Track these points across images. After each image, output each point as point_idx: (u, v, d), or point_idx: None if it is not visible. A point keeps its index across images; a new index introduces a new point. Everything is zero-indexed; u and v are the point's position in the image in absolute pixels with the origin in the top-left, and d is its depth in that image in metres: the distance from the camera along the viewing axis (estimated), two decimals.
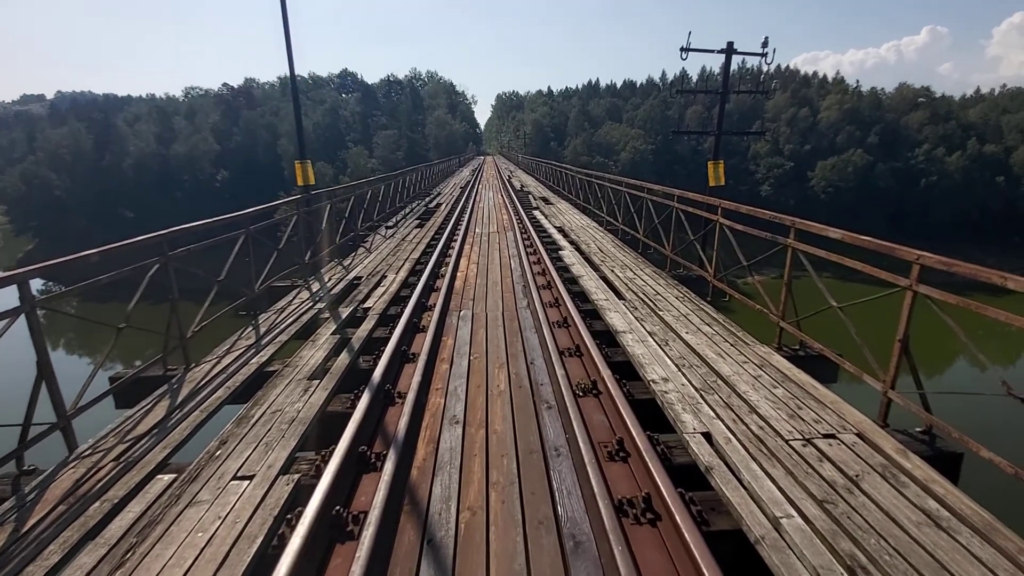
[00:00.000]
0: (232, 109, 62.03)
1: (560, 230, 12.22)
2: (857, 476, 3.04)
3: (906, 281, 3.62)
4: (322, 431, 3.77)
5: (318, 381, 4.40)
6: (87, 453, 3.43)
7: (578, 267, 8.40)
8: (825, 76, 71.95)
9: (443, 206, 17.65)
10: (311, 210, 8.66)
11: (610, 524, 2.60)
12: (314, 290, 7.28)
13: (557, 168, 25.35)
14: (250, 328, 5.75)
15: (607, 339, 5.41)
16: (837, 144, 56.08)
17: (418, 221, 14.19)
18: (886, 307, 4.19)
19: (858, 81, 71.57)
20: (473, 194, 21.53)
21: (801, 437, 3.45)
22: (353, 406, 3.90)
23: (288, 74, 8.36)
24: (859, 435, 3.48)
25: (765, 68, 12.82)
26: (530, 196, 20.57)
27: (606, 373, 4.26)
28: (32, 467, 3.28)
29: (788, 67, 75.65)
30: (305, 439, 3.63)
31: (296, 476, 3.17)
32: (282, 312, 6.32)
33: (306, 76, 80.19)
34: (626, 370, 4.67)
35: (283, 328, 5.73)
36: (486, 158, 72.89)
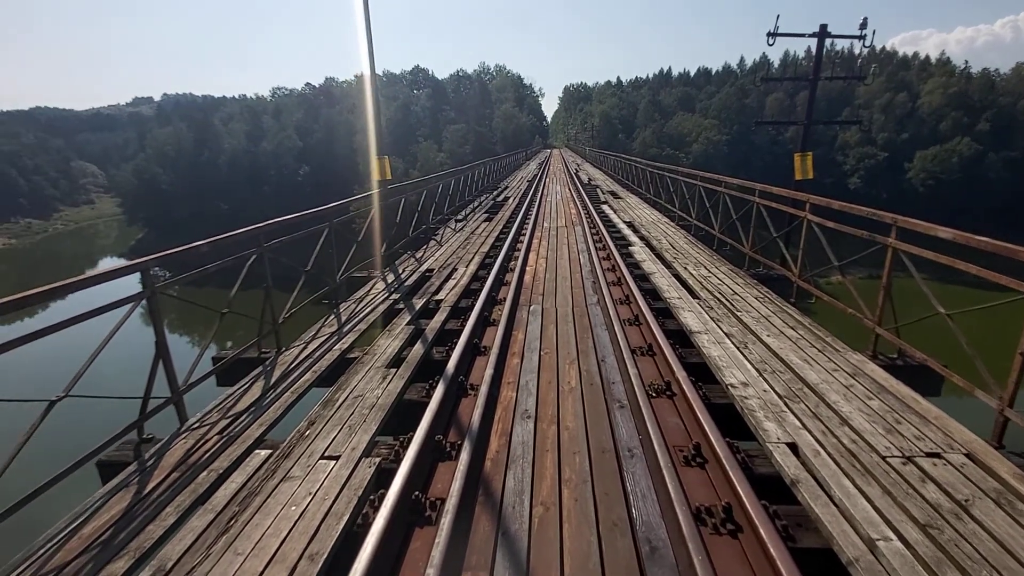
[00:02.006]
0: (313, 107, 65.65)
1: (630, 225, 11.96)
2: (967, 501, 2.77)
3: None
4: (400, 418, 3.93)
5: (395, 370, 4.59)
6: (195, 426, 3.79)
7: (649, 263, 8.19)
8: (927, 57, 65.49)
9: (510, 200, 17.77)
10: (387, 204, 9.00)
11: (688, 531, 2.53)
12: (389, 281, 7.59)
13: (625, 161, 24.80)
14: (332, 316, 6.09)
15: (680, 339, 5.25)
16: (940, 132, 50.91)
17: (486, 215, 14.39)
18: (1001, 316, 3.78)
19: (967, 62, 64.18)
20: (540, 188, 21.51)
21: (900, 454, 3.19)
22: (428, 396, 4.04)
23: (364, 71, 8.71)
24: (968, 455, 3.17)
25: (861, 51, 11.83)
26: (598, 190, 20.25)
27: (681, 374, 4.13)
28: (151, 435, 3.66)
29: (883, 49, 69.25)
30: (385, 424, 3.81)
31: (377, 459, 3.33)
32: (360, 302, 6.64)
33: (380, 74, 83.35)
34: (701, 372, 4.51)
35: (362, 317, 6.03)
36: (552, 151, 72.51)
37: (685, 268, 7.90)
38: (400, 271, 8.20)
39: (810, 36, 10.68)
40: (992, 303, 3.71)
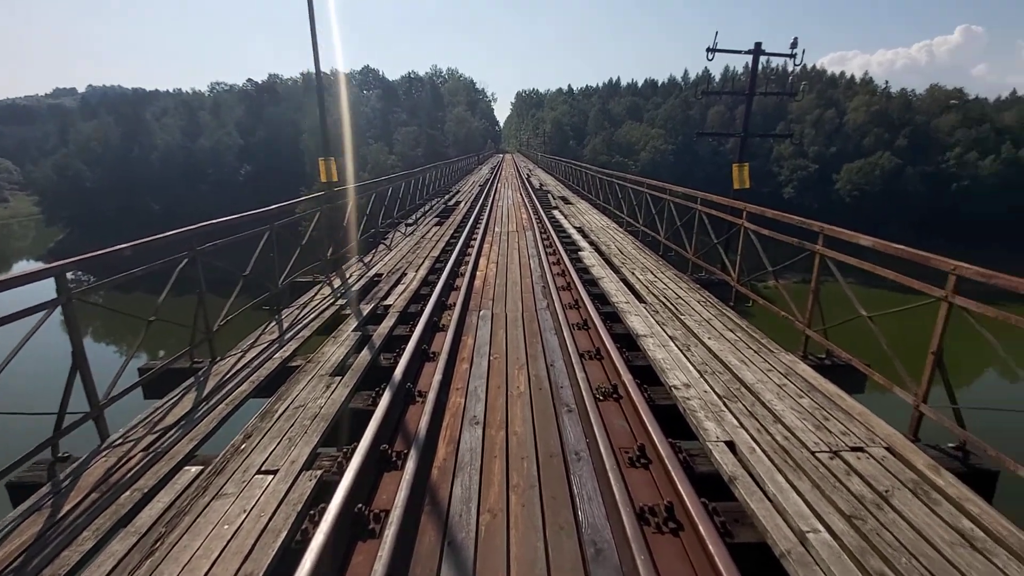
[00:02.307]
0: (256, 105, 63.01)
1: (580, 230, 12.16)
2: (887, 492, 2.97)
3: (942, 292, 3.52)
4: (345, 428, 3.81)
5: (340, 378, 4.44)
6: (118, 442, 3.52)
7: (598, 268, 8.35)
8: (852, 77, 70.42)
9: (462, 204, 17.69)
10: (334, 206, 8.74)
11: (632, 532, 2.57)
12: (336, 286, 7.36)
13: (576, 167, 25.26)
14: (273, 323, 5.83)
15: (627, 343, 5.36)
16: (864, 147, 54.82)
17: (437, 219, 14.25)
18: (917, 317, 4.10)
19: (887, 82, 69.77)
20: (492, 192, 21.55)
21: (828, 449, 3.38)
22: (375, 404, 3.94)
23: (312, 70, 8.44)
24: (889, 449, 3.40)
25: (792, 69, 12.59)
26: (549, 195, 20.51)
27: (627, 377, 4.22)
28: (67, 454, 3.37)
29: (814, 67, 74.06)
30: (327, 435, 3.68)
31: (319, 472, 3.20)
32: (304, 308, 6.40)
33: (328, 72, 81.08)
34: (647, 375, 4.62)
35: (305, 324, 5.80)
36: (505, 156, 72.93)
37: (632, 273, 8.11)
38: (347, 276, 7.97)
39: (746, 53, 11.26)
40: (907, 306, 4.01)
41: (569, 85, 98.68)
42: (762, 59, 12.08)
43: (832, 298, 5.24)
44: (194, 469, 3.26)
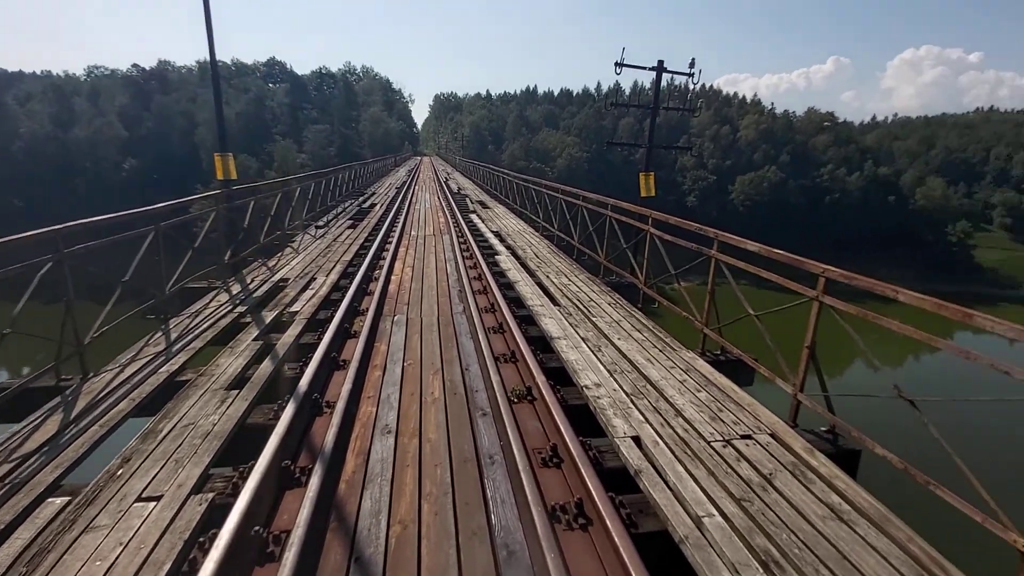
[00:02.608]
0: (144, 93, 57.10)
1: (497, 235, 12.26)
2: (770, 474, 3.25)
3: (813, 292, 3.93)
4: (242, 445, 3.53)
5: (237, 391, 4.11)
6: None
7: (514, 272, 8.46)
8: (744, 97, 77.42)
9: (378, 206, 17.19)
10: (233, 206, 8.12)
11: (543, 531, 2.61)
12: (234, 292, 6.82)
13: (495, 172, 25.47)
14: (159, 333, 5.29)
15: (542, 345, 5.47)
16: (754, 161, 60.44)
17: (351, 221, 13.72)
18: (797, 315, 4.54)
19: (772, 103, 77.65)
20: (409, 195, 21.14)
21: (722, 438, 3.65)
22: (276, 417, 3.68)
23: (208, 58, 7.79)
24: (772, 435, 3.74)
25: (692, 87, 13.57)
26: (467, 199, 20.49)
27: (541, 379, 4.30)
28: None
29: (712, 87, 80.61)
30: (221, 454, 3.39)
31: (210, 495, 2.94)
32: (197, 316, 5.87)
33: (228, 62, 75.41)
34: (560, 376, 4.74)
35: (198, 334, 5.32)
36: (423, 159, 71.91)
37: (547, 277, 8.29)
38: (248, 281, 7.42)
39: (650, 69, 11.99)
40: (786, 305, 4.44)
41: (487, 91, 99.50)
42: (667, 76, 12.92)
43: (729, 298, 5.68)
44: (59, 500, 2.87)
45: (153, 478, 3.07)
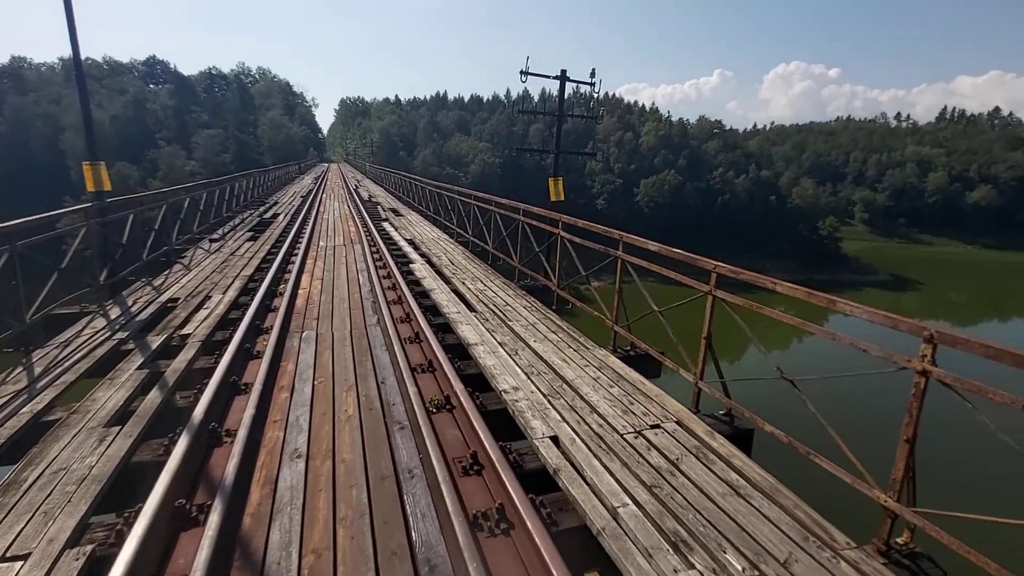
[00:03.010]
0: None
1: (411, 242, 12.04)
2: (677, 459, 3.47)
3: (707, 287, 4.25)
4: (126, 488, 3.16)
5: (119, 427, 3.68)
6: None
7: (429, 280, 8.34)
8: (644, 105, 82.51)
9: (281, 216, 16.22)
10: (107, 221, 7.27)
11: (464, 541, 2.58)
12: (113, 317, 6.11)
13: (407, 179, 25.03)
14: (20, 369, 4.61)
15: (460, 352, 5.44)
16: (655, 165, 64.54)
17: (251, 233, 12.83)
18: (699, 309, 4.89)
19: (669, 112, 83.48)
20: (316, 204, 20.18)
21: (633, 430, 3.83)
22: (168, 452, 3.34)
23: (72, 54, 6.92)
24: (678, 423, 3.99)
25: (594, 95, 14.22)
26: (379, 207, 19.95)
27: (459, 387, 4.27)
28: None
29: (614, 95, 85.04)
30: (102, 500, 3.01)
31: (89, 547, 2.60)
32: (67, 346, 5.18)
33: (100, 60, 67.58)
34: (479, 382, 4.73)
35: (69, 366, 4.70)
36: (330, 166, 68.90)
37: (463, 283, 8.27)
38: (130, 303, 6.68)
39: (554, 78, 12.40)
40: (684, 300, 4.77)
41: (396, 96, 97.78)
42: (571, 85, 13.44)
43: (639, 296, 5.98)
44: None
45: (18, 535, 2.66)
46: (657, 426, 3.91)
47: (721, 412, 4.21)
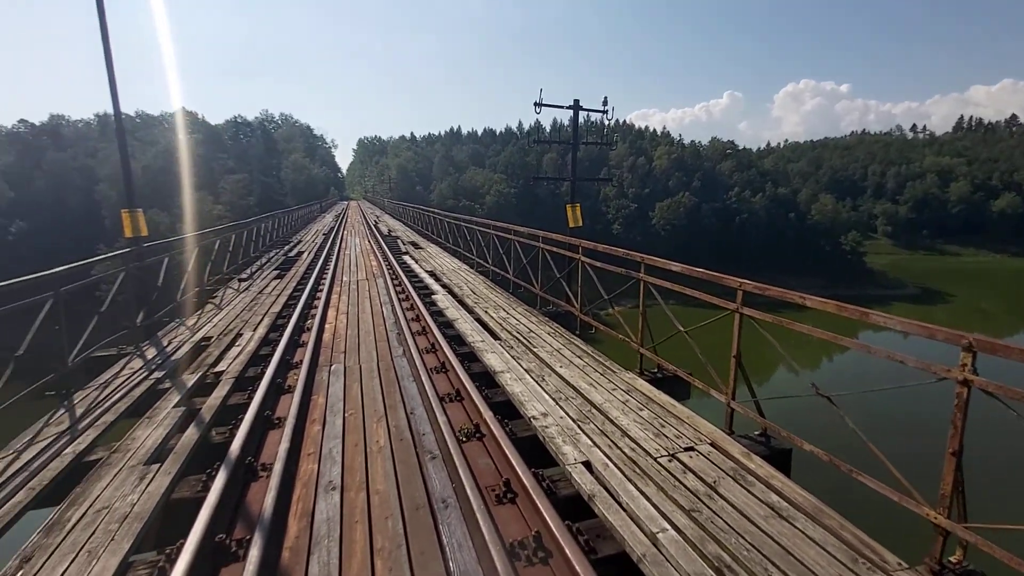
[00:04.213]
0: (33, 149, 52.59)
1: (432, 274, 12.20)
2: (715, 482, 3.39)
3: (733, 305, 4.23)
4: (167, 525, 3.21)
5: (158, 465, 3.76)
6: None
7: (452, 310, 8.43)
8: (655, 130, 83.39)
9: (305, 254, 16.64)
10: (144, 265, 7.57)
11: (503, 571, 2.56)
12: (149, 357, 6.30)
13: (425, 212, 25.53)
14: (62, 411, 4.76)
15: (486, 380, 5.45)
16: (670, 188, 64.77)
17: (277, 272, 13.17)
18: (724, 328, 4.84)
19: (680, 135, 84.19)
20: (338, 240, 20.66)
21: (667, 453, 3.77)
22: (206, 489, 3.40)
23: (110, 111, 7.36)
24: (713, 444, 3.91)
25: (607, 122, 14.46)
26: (399, 241, 20.33)
27: (488, 415, 4.27)
28: None
29: (625, 122, 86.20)
30: (144, 537, 3.06)
31: None
32: (106, 387, 5.35)
33: (133, 114, 71.33)
34: (507, 409, 4.72)
35: (108, 406, 4.84)
36: (350, 203, 70.75)
37: (486, 312, 8.33)
38: (165, 344, 6.88)
39: (567, 108, 12.69)
40: (711, 319, 4.73)
41: (412, 133, 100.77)
42: (584, 113, 13.72)
43: (663, 318, 5.95)
44: None
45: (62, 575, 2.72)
46: (691, 448, 3.84)
47: (756, 433, 4.12)
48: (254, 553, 2.72)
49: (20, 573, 2.73)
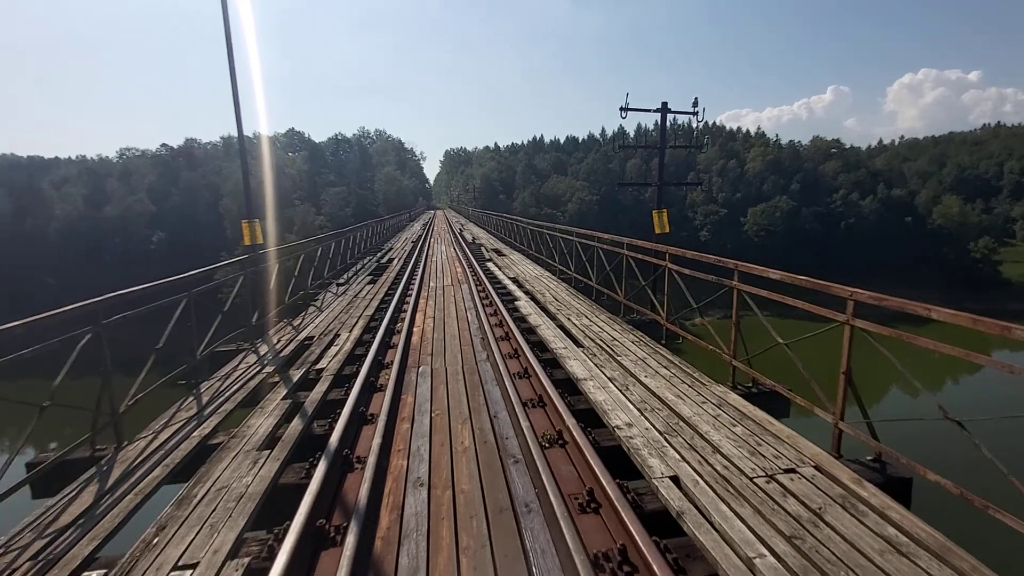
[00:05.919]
0: (171, 170, 60.38)
1: (515, 281, 12.37)
2: (820, 509, 3.10)
3: (843, 316, 3.86)
4: (276, 506, 3.50)
5: (268, 451, 4.12)
6: None
7: (535, 317, 8.47)
8: (748, 131, 78.78)
9: (395, 261, 17.55)
10: (257, 270, 8.39)
11: None
12: (262, 353, 6.94)
13: (507, 220, 25.97)
14: (191, 398, 5.38)
15: (569, 387, 5.41)
16: (764, 192, 60.75)
17: (370, 277, 14.01)
18: (825, 343, 4.44)
19: (777, 135, 78.84)
20: (425, 248, 21.57)
21: (764, 474, 3.51)
22: (308, 476, 3.67)
23: (233, 133, 8.28)
24: (817, 467, 3.59)
25: (696, 125, 13.89)
26: (482, 248, 20.83)
27: (571, 422, 4.23)
28: None
29: (715, 123, 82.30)
30: (256, 517, 3.36)
31: (246, 560, 2.90)
32: (227, 379, 5.96)
33: (251, 136, 79.65)
34: (590, 418, 4.66)
35: (228, 396, 5.39)
36: (436, 212, 73.84)
37: (568, 319, 8.28)
38: (275, 341, 7.56)
39: (655, 111, 12.35)
40: (816, 331, 4.36)
41: (495, 143, 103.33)
42: (670, 116, 13.29)
43: (754, 331, 5.59)
44: (96, 574, 2.85)
45: (189, 545, 3.05)
46: (792, 470, 3.55)
47: (869, 458, 3.73)
48: (350, 540, 2.89)
49: (156, 540, 3.10)
